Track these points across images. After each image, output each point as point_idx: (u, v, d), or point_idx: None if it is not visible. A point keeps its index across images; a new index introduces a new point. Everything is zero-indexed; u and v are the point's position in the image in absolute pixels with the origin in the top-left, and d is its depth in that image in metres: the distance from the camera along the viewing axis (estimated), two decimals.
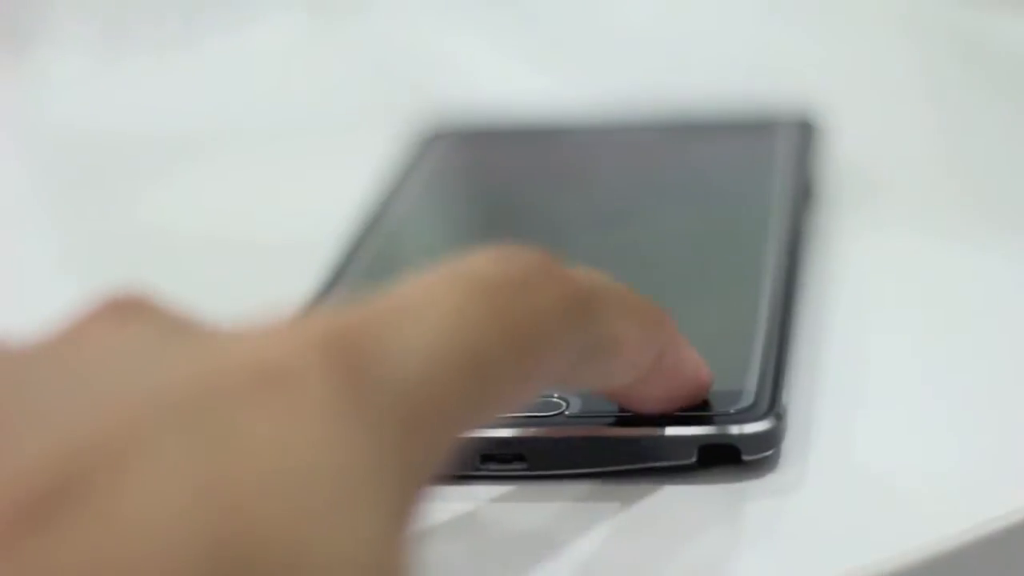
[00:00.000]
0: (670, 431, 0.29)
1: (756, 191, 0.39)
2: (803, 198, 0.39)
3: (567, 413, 0.30)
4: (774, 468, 0.30)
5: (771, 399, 0.30)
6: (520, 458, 0.30)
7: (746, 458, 0.29)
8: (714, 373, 0.30)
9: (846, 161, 0.43)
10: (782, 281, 0.35)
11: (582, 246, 0.38)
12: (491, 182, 0.43)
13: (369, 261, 0.37)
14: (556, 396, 0.30)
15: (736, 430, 0.29)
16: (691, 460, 0.29)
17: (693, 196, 0.40)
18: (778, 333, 0.32)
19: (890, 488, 0.29)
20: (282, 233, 0.43)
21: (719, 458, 0.30)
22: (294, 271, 0.37)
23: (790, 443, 0.30)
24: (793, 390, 0.32)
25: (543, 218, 0.40)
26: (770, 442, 0.30)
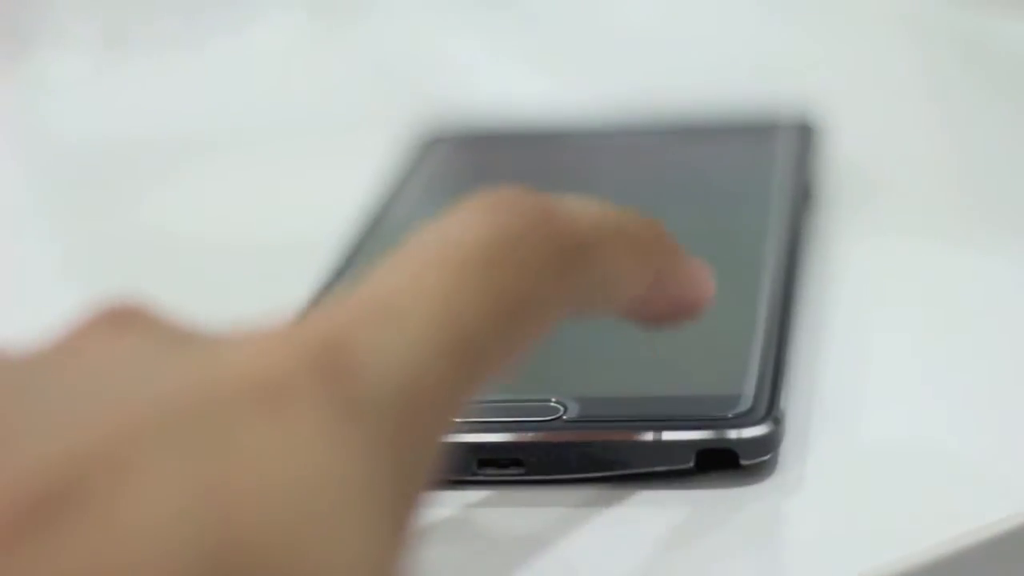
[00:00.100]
0: (668, 436, 0.29)
1: (755, 193, 0.39)
2: (803, 200, 0.39)
3: (565, 418, 0.30)
4: (772, 472, 0.30)
5: (769, 403, 0.30)
6: (517, 463, 0.30)
7: (744, 463, 0.29)
8: (711, 377, 0.30)
9: (846, 163, 0.43)
10: (781, 284, 0.35)
11: None
12: (491, 185, 0.43)
13: (368, 263, 0.37)
14: (554, 401, 0.30)
15: (734, 435, 0.29)
16: (689, 465, 0.29)
17: (693, 199, 0.40)
18: (777, 336, 0.32)
19: (889, 492, 0.29)
20: (282, 235, 0.43)
21: (717, 463, 0.29)
22: (293, 273, 0.37)
23: (788, 447, 0.30)
24: (791, 394, 0.32)
25: None
26: (768, 446, 0.30)
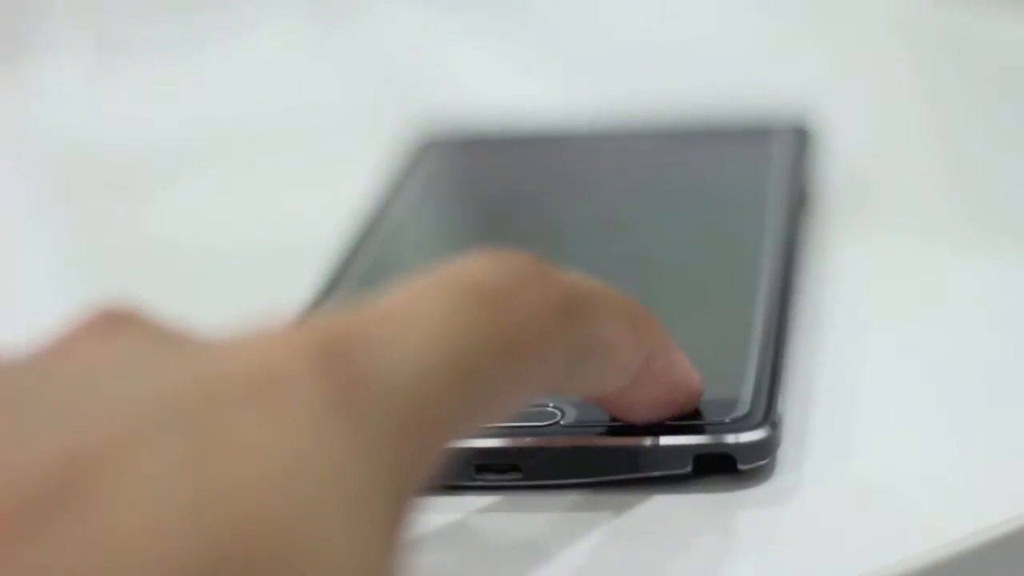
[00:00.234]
0: (665, 440, 0.29)
1: (752, 197, 0.39)
2: (799, 204, 0.39)
3: (562, 423, 0.30)
4: (770, 477, 0.30)
5: (766, 408, 0.30)
6: (515, 468, 0.30)
7: (741, 467, 0.29)
8: (709, 381, 0.30)
9: (842, 167, 0.43)
10: (778, 288, 0.34)
11: (577, 253, 0.38)
12: (486, 189, 0.43)
13: (364, 269, 0.37)
14: (551, 406, 0.30)
15: (731, 439, 0.29)
16: (686, 469, 0.29)
17: (688, 203, 0.40)
18: (773, 341, 0.32)
19: (886, 496, 0.29)
20: (278, 239, 0.43)
21: (714, 467, 0.29)
22: (289, 279, 0.37)
23: (785, 452, 0.30)
24: (789, 398, 0.32)
25: (538, 225, 0.40)
26: (766, 451, 0.30)
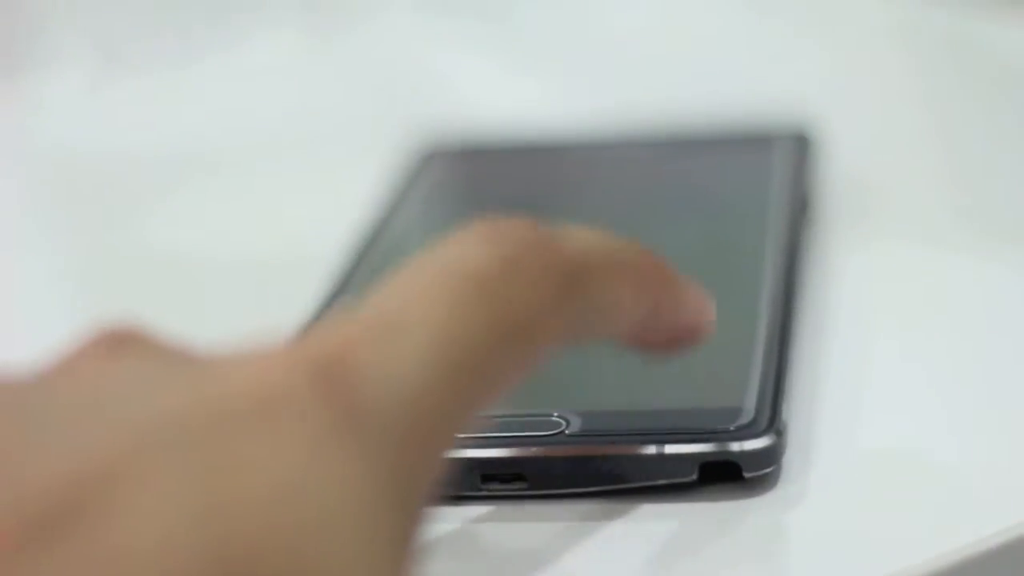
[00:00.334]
0: (670, 449, 0.29)
1: (753, 205, 0.39)
2: (800, 211, 0.39)
3: (567, 432, 0.30)
4: (775, 485, 0.30)
5: (771, 415, 0.30)
6: (520, 478, 0.30)
7: (747, 475, 0.29)
8: (713, 389, 0.30)
9: (843, 173, 0.43)
10: (780, 295, 0.34)
11: None
12: (488, 199, 0.43)
13: (366, 280, 0.37)
14: (556, 415, 0.30)
15: (737, 447, 0.29)
16: (692, 478, 0.29)
17: (690, 211, 0.40)
18: (777, 348, 0.32)
19: (892, 503, 0.29)
20: (278, 251, 0.43)
21: (720, 475, 0.29)
22: (290, 289, 0.37)
23: (791, 459, 0.30)
24: (793, 405, 0.32)
25: None
26: (771, 459, 0.30)
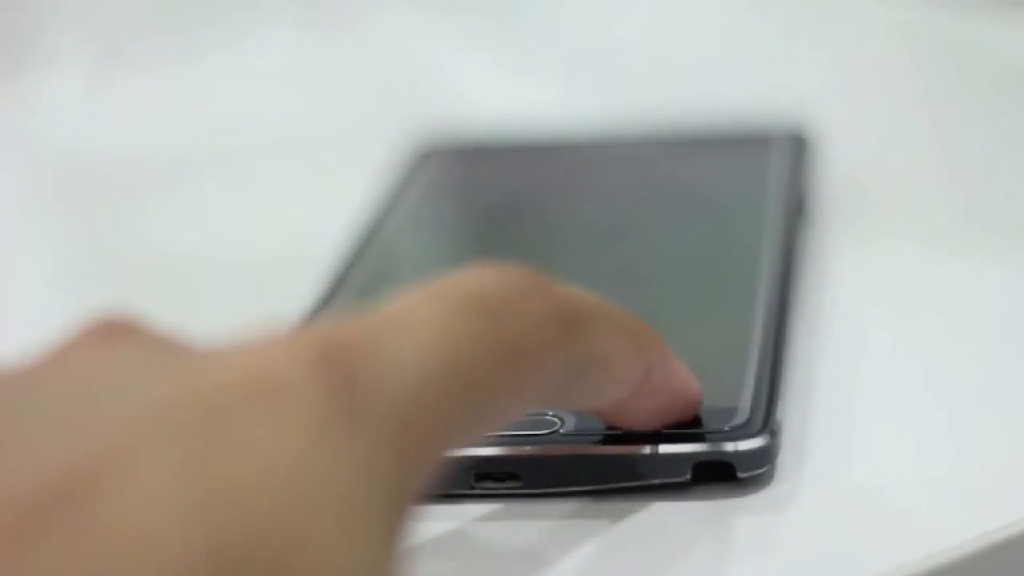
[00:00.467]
0: (664, 449, 0.29)
1: (749, 206, 0.39)
2: (797, 212, 0.39)
3: (562, 431, 0.30)
4: (768, 485, 0.30)
5: (765, 416, 0.30)
6: (514, 476, 0.30)
7: (741, 475, 0.29)
8: (707, 389, 0.30)
9: (840, 174, 0.43)
10: (776, 295, 0.35)
11: (576, 261, 0.38)
12: (485, 197, 0.43)
13: (364, 277, 0.37)
14: (551, 414, 0.30)
15: (730, 447, 0.29)
16: (685, 477, 0.29)
17: (687, 211, 0.40)
18: (772, 349, 0.32)
19: (885, 504, 0.29)
20: (276, 249, 0.43)
21: (713, 475, 0.29)
22: (288, 287, 0.37)
23: (784, 459, 0.30)
24: (787, 406, 0.32)
25: (537, 234, 0.40)
26: (765, 459, 0.30)
